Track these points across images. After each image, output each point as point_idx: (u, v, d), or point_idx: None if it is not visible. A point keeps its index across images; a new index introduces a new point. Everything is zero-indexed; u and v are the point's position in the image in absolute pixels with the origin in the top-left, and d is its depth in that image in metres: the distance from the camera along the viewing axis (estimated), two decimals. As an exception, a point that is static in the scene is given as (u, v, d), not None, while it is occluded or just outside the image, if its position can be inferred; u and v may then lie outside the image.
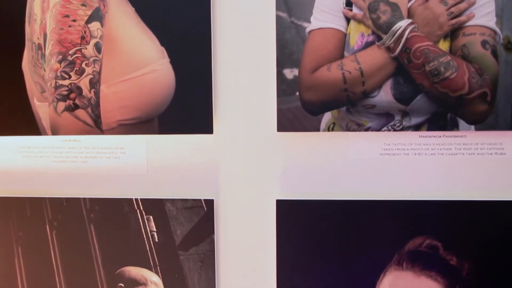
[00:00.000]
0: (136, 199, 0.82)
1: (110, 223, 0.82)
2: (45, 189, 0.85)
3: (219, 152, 0.80)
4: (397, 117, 0.75)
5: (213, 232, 0.80)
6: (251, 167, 0.80)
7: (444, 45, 0.72)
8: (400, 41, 0.72)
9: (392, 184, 0.77)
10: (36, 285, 0.86)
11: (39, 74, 0.81)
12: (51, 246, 0.85)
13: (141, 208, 0.82)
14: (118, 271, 0.83)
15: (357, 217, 0.77)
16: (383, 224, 0.77)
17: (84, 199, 0.83)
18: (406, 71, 0.73)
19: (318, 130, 0.76)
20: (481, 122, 0.74)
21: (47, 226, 0.84)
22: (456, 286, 0.76)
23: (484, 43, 0.72)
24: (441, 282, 0.76)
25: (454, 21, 0.71)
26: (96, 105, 0.79)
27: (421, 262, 0.76)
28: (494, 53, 0.72)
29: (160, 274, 0.82)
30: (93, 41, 0.78)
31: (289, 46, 0.75)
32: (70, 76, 0.78)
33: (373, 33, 0.73)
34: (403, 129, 0.75)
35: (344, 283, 0.78)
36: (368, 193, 0.77)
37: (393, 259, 0.77)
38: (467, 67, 0.71)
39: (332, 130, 0.76)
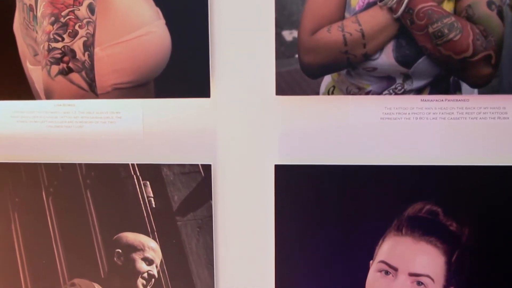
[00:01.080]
0: (133, 165, 0.83)
1: (107, 189, 0.84)
2: (41, 155, 0.86)
3: (217, 116, 0.81)
4: (399, 80, 0.76)
5: (210, 198, 0.82)
6: (249, 132, 0.81)
7: (448, 6, 0.72)
8: (403, 2, 0.72)
9: (392, 149, 0.78)
10: (34, 252, 0.88)
11: (31, 36, 0.81)
12: (47, 212, 0.87)
13: (138, 173, 0.83)
14: (115, 237, 0.85)
15: (357, 182, 0.78)
16: (382, 189, 0.78)
17: (80, 164, 0.84)
18: (409, 33, 0.73)
19: (317, 93, 0.77)
20: (485, 86, 0.74)
21: (43, 192, 0.86)
22: (456, 252, 0.77)
23: (489, 3, 0.71)
24: (440, 247, 0.77)
25: (458, -21, 0.71)
26: (91, 69, 0.80)
27: (421, 228, 0.78)
28: (500, 14, 0.72)
29: (157, 240, 0.84)
30: (86, 2, 0.78)
31: (289, 7, 0.75)
32: (63, 39, 0.78)
33: (375, -8, 0.73)
34: (405, 92, 0.76)
35: (343, 248, 0.80)
36: (368, 158, 0.78)
37: (392, 225, 0.78)
38: (472, 28, 0.72)
39: (332, 93, 0.77)
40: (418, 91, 0.76)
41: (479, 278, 0.78)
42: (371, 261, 0.80)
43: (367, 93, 0.76)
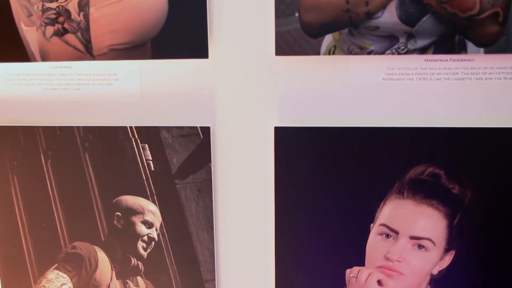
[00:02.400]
0: (131, 127, 0.85)
1: (105, 152, 0.86)
2: (38, 118, 0.88)
3: (215, 77, 0.82)
4: (402, 40, 0.76)
5: (210, 161, 0.84)
6: (248, 93, 0.82)
7: (454, -39, 0.72)
8: (407, -44, 0.71)
9: (395, 111, 0.79)
10: (34, 215, 0.91)
11: (25, -4, 0.82)
12: (46, 176, 0.89)
13: (136, 136, 0.85)
14: (114, 200, 0.88)
15: (358, 145, 0.79)
16: (384, 151, 0.79)
17: (78, 127, 0.87)
18: (413, -10, 0.73)
19: (318, 53, 0.77)
20: (491, 45, 0.74)
21: (42, 156, 0.89)
22: (458, 215, 0.79)
23: (498, -43, 0.71)
24: (442, 211, 0.79)
25: None
26: (86, 29, 0.81)
27: (423, 191, 0.79)
28: (509, -31, 0.71)
29: (157, 203, 0.87)
30: (80, -40, 0.78)
31: (288, -37, 0.75)
32: (57, -2, 0.79)
33: None
34: (408, 52, 0.76)
35: (344, 211, 0.82)
36: (370, 119, 0.79)
37: (394, 188, 0.80)
38: (479, -16, 0.71)
39: (333, 53, 0.77)
40: (422, 50, 0.76)
41: (481, 241, 0.80)
42: (372, 224, 0.82)
43: (369, 53, 0.77)
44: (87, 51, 0.81)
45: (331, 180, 0.81)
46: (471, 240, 0.80)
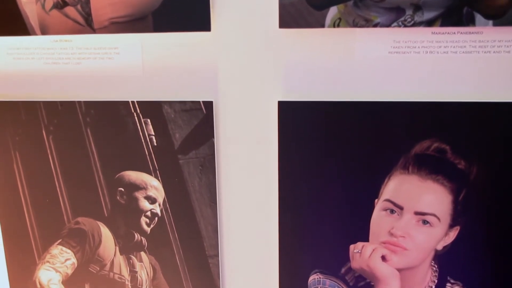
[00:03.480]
0: (133, 102, 0.86)
1: (107, 127, 0.87)
2: (39, 93, 0.89)
3: (218, 50, 0.82)
4: (409, 12, 0.76)
5: (213, 136, 0.85)
6: (251, 67, 0.82)
7: None
8: None
9: (400, 85, 0.79)
10: (37, 191, 0.93)
11: (23, -33, 0.82)
12: (48, 151, 0.91)
13: (138, 111, 0.86)
14: (117, 175, 0.90)
15: (363, 119, 0.80)
16: (389, 126, 0.79)
17: (79, 102, 0.87)
18: (420, -41, 0.72)
19: (323, 26, 0.77)
20: (500, 17, 0.74)
21: (43, 131, 0.90)
22: (463, 190, 0.80)
23: None
24: (447, 186, 0.80)
25: None
26: (86, 2, 0.81)
27: (428, 166, 0.80)
28: None
29: (160, 179, 0.88)
30: None
31: None
32: (56, -31, 0.79)
33: None
34: (415, 24, 0.76)
35: (348, 187, 0.83)
36: (375, 94, 0.80)
37: (399, 163, 0.81)
38: (489, -47, 0.71)
39: (338, 26, 0.77)
40: (429, 23, 0.76)
41: (486, 217, 0.81)
42: (376, 200, 0.83)
43: (375, 26, 0.76)
44: (88, 24, 0.82)
45: (335, 155, 0.82)
46: (476, 215, 0.81)
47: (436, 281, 0.84)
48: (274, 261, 0.88)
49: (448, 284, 0.84)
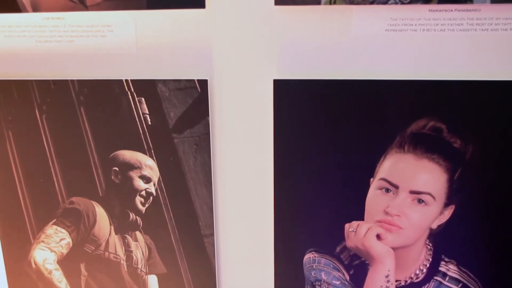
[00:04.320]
0: (127, 80, 0.86)
1: (101, 106, 0.87)
2: (31, 71, 0.89)
3: (212, 28, 0.82)
4: (406, -12, 0.75)
5: (207, 114, 0.85)
6: (247, 45, 0.82)
7: None
8: None
9: (397, 63, 0.79)
10: (31, 171, 0.93)
11: None
12: (42, 131, 0.91)
13: (132, 89, 0.86)
14: (111, 155, 0.90)
15: (359, 98, 0.80)
16: (385, 105, 0.80)
17: (72, 81, 0.87)
18: None
19: (319, 3, 0.77)
20: (498, -6, 0.74)
21: (36, 110, 0.90)
22: (459, 169, 0.80)
23: None
24: (443, 165, 0.80)
25: None
26: (78, -22, 0.80)
27: (424, 145, 0.80)
28: None
29: (154, 158, 0.88)
30: None
31: None
32: None
33: None
34: (412, 2, 0.75)
35: (343, 166, 0.83)
36: (371, 72, 0.80)
37: (394, 142, 0.81)
38: None
39: (334, 3, 0.77)
40: (426, 0, 0.76)
41: (481, 196, 0.81)
42: (371, 179, 0.84)
43: (372, 3, 0.76)
44: (80, 1, 0.81)
45: (331, 134, 0.82)
46: (471, 194, 0.81)
47: (430, 259, 0.85)
48: (269, 240, 0.89)
49: (443, 263, 0.85)
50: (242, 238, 0.91)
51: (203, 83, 0.83)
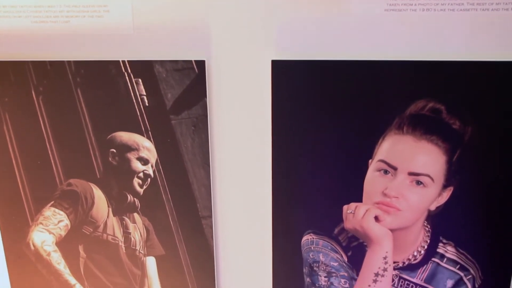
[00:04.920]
0: (123, 61, 0.85)
1: (98, 87, 0.87)
2: (27, 52, 0.88)
3: (210, 8, 0.81)
4: (406, -33, 0.75)
5: (205, 95, 0.85)
6: (244, 25, 0.81)
7: None
8: None
9: (396, 43, 0.79)
10: (28, 153, 0.93)
11: None
12: (38, 112, 0.91)
13: (129, 70, 0.86)
14: (109, 136, 0.90)
15: (358, 79, 0.80)
16: (384, 86, 0.79)
17: (69, 62, 0.87)
18: None
19: (317, -18, 0.77)
20: (499, -27, 0.73)
21: (33, 92, 0.89)
22: (457, 151, 0.80)
23: None
24: (441, 146, 0.80)
25: None
26: (74, -43, 0.79)
27: (423, 126, 0.80)
28: None
29: (152, 139, 0.89)
30: None
31: None
32: None
33: None
34: (412, -20, 0.75)
35: (342, 147, 0.83)
36: (370, 52, 0.79)
37: (393, 123, 0.81)
38: None
39: (333, -18, 0.77)
40: (426, -21, 0.75)
41: (480, 177, 0.81)
42: (370, 160, 0.84)
43: (371, -18, 0.76)
44: (76, -19, 0.81)
45: (329, 115, 0.82)
46: (470, 176, 0.81)
47: (428, 241, 0.86)
48: (267, 221, 0.89)
49: (441, 244, 0.85)
50: (240, 220, 0.91)
51: (201, 64, 0.83)
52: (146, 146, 0.88)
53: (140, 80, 0.85)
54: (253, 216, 0.90)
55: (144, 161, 0.89)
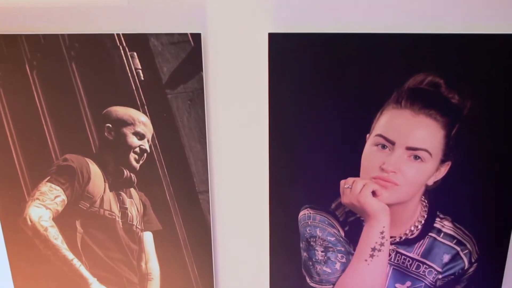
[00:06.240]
0: (118, 35, 0.85)
1: (92, 61, 0.87)
2: (20, 26, 0.88)
3: (205, -21, 0.81)
4: None
5: (201, 69, 0.84)
6: (240, -3, 0.80)
7: None
8: None
9: (394, 16, 0.78)
10: (23, 128, 0.93)
11: None
12: (33, 87, 0.90)
13: (124, 44, 0.85)
14: (104, 111, 0.90)
15: (355, 52, 0.79)
16: (382, 59, 0.79)
17: (63, 35, 0.86)
18: None
19: (315, -48, 0.76)
20: None
21: (27, 66, 0.89)
22: (456, 125, 0.80)
23: None
24: (440, 121, 0.80)
25: None
26: None
27: (421, 100, 0.80)
28: None
29: (148, 114, 0.88)
30: None
31: None
32: None
33: None
34: (411, -49, 0.74)
35: (339, 121, 0.83)
36: (369, 25, 0.79)
37: (391, 97, 0.81)
38: None
39: (331, -48, 0.76)
40: (426, -51, 0.74)
41: (478, 153, 0.82)
42: (368, 135, 0.84)
43: (370, -48, 0.75)
44: (68, -49, 0.79)
45: (327, 89, 0.82)
46: (468, 151, 0.82)
47: (425, 216, 0.86)
48: (264, 196, 0.90)
49: (438, 219, 0.86)
50: (237, 194, 0.92)
51: (197, 37, 0.82)
52: (142, 121, 0.88)
53: (135, 53, 0.85)
54: (250, 191, 0.91)
55: (140, 136, 0.89)
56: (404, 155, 0.81)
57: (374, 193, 0.84)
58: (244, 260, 0.96)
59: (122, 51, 0.84)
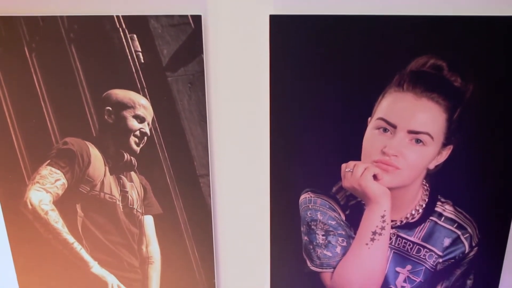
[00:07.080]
0: (118, 16, 0.84)
1: (92, 43, 0.86)
2: (18, 8, 0.87)
3: (206, -40, 0.80)
4: None
5: (202, 51, 0.84)
6: (241, -22, 0.80)
7: None
8: None
9: (397, -2, 0.78)
10: (23, 111, 0.93)
11: None
12: (32, 70, 0.90)
13: (124, 26, 0.85)
14: (104, 94, 0.90)
15: (357, 34, 0.79)
16: (384, 42, 0.78)
17: (62, 17, 0.86)
18: None
19: None
20: None
21: (26, 48, 0.89)
22: (458, 109, 0.80)
23: None
24: (442, 104, 0.80)
25: None
26: None
27: (423, 83, 0.79)
28: None
29: (148, 97, 0.88)
30: None
31: None
32: None
33: None
34: None
35: (340, 104, 0.83)
36: (370, 7, 0.78)
37: (393, 80, 0.80)
38: None
39: None
40: None
41: (479, 136, 0.81)
42: (369, 118, 0.84)
43: None
44: None
45: (328, 72, 0.82)
46: (470, 135, 0.82)
47: (427, 199, 0.87)
48: (265, 179, 0.90)
49: (439, 203, 0.86)
50: (238, 178, 0.92)
51: (197, 19, 0.82)
52: (142, 104, 0.88)
53: (135, 35, 0.84)
54: (251, 174, 0.91)
55: (141, 119, 0.89)
56: (405, 138, 0.81)
57: (375, 177, 0.84)
58: (245, 243, 0.96)
59: (121, 33, 0.84)
